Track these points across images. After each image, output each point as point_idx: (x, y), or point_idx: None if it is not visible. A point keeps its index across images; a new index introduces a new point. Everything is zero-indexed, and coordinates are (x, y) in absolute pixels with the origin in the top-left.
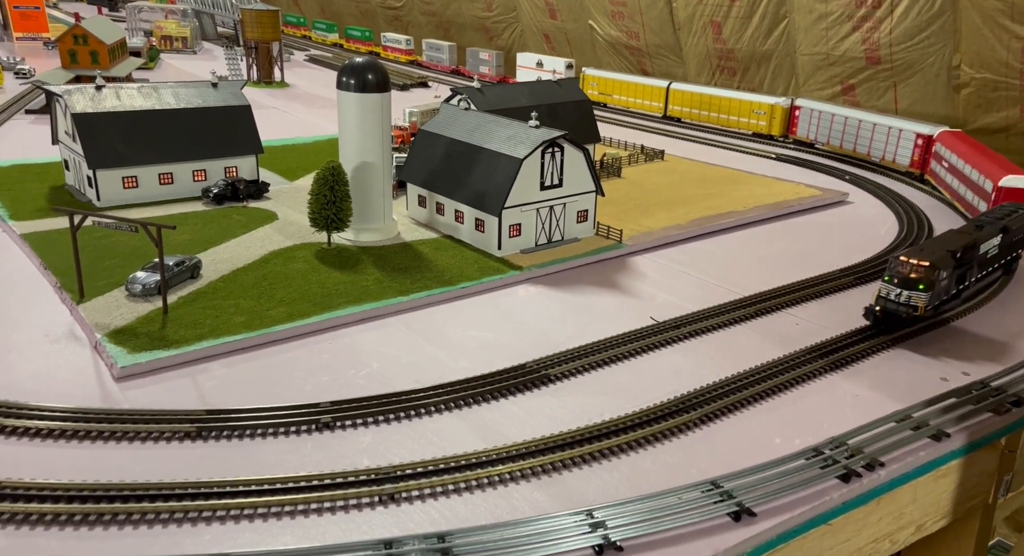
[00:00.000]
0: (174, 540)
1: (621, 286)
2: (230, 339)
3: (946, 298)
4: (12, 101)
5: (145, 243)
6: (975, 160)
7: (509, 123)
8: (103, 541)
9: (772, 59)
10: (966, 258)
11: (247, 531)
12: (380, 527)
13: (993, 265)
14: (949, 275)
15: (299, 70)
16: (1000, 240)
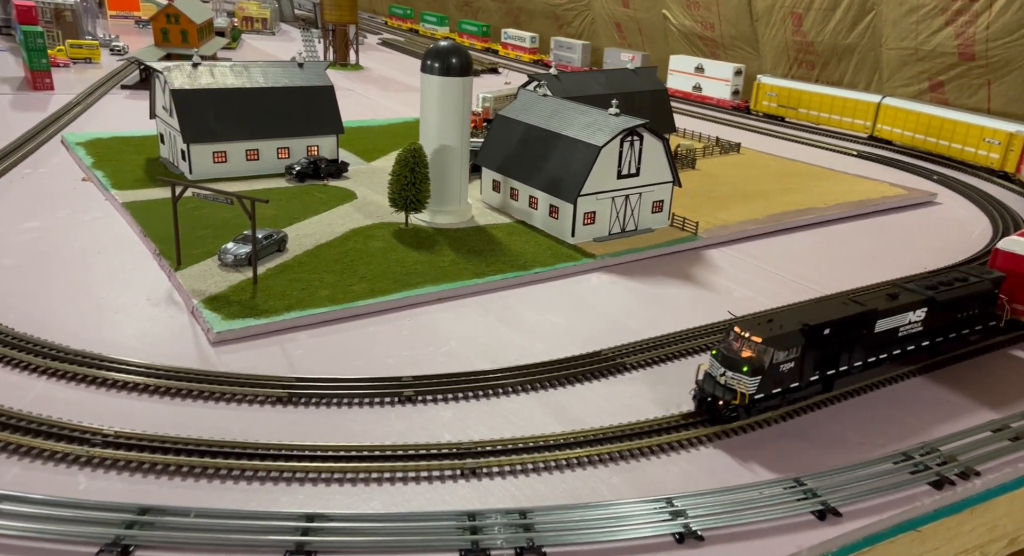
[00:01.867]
0: (271, 497)
1: (696, 279)
2: (316, 311)
3: (792, 388)
4: (109, 77)
5: (234, 215)
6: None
7: (588, 110)
8: (207, 493)
9: (855, 53)
10: (838, 337)
11: (337, 494)
12: (463, 499)
13: (911, 346)
14: (797, 358)
15: (372, 53)
16: (926, 315)
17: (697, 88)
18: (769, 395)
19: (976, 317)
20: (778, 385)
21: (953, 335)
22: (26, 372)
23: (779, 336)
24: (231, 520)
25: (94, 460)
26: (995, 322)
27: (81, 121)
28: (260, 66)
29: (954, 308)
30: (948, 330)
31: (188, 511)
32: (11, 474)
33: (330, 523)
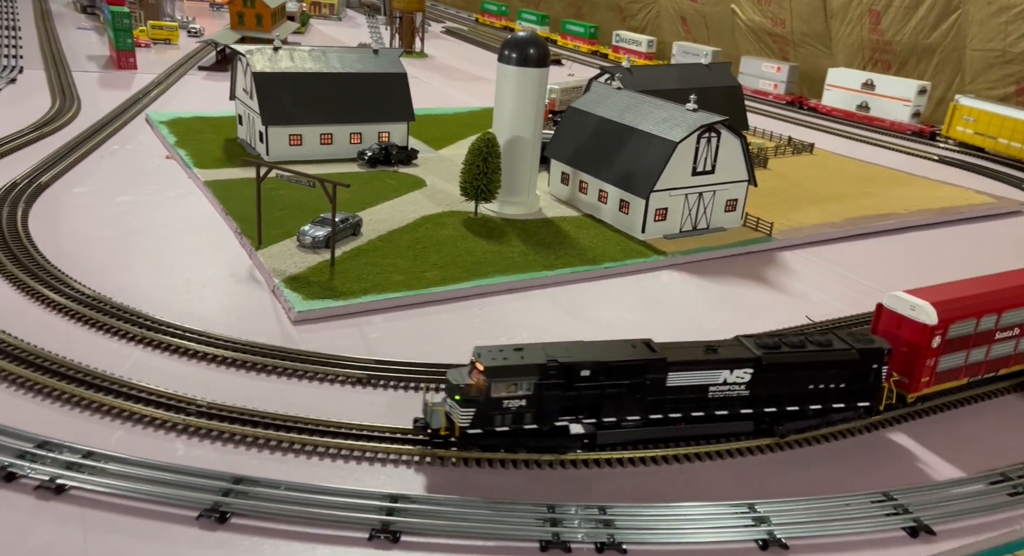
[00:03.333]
0: (354, 475)
1: (770, 281)
2: (391, 296)
3: (529, 431)
4: (187, 58)
5: (309, 197)
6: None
7: (664, 104)
8: (295, 467)
9: (936, 53)
10: (603, 383)
11: (418, 476)
12: (542, 489)
13: (725, 411)
14: (530, 397)
15: (436, 41)
16: (751, 378)
17: (863, 107)
18: (490, 432)
19: (839, 393)
20: (504, 423)
21: (796, 408)
22: (124, 340)
23: (504, 367)
24: (319, 495)
25: (190, 428)
26: (869, 403)
27: (163, 100)
28: (337, 52)
29: (792, 376)
30: (787, 401)
31: (279, 483)
32: (115, 436)
33: (413, 505)
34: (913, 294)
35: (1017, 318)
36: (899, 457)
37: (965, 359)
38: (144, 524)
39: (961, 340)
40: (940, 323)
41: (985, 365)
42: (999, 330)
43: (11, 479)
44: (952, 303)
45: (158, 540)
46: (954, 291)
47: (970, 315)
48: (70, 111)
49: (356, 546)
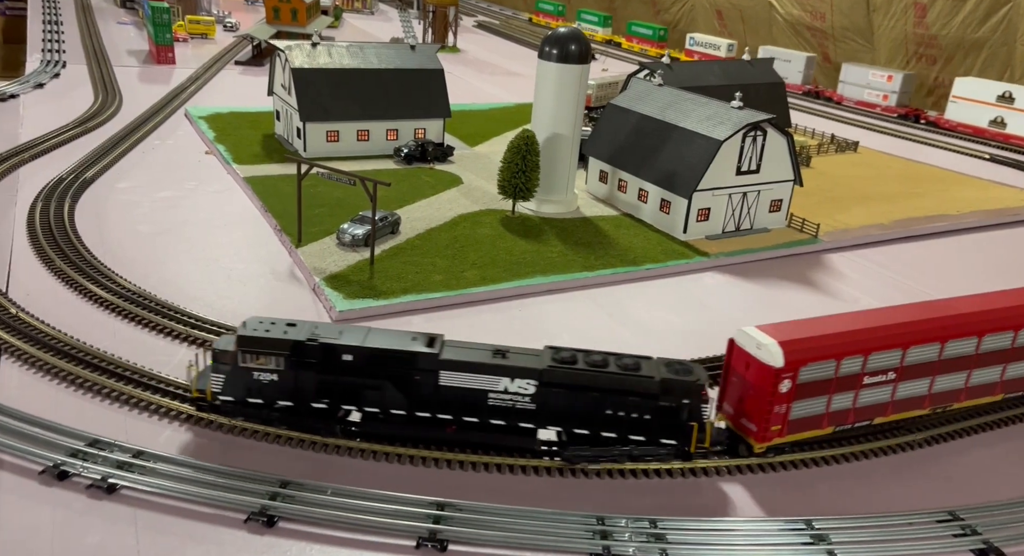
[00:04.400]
0: (403, 481)
1: (818, 284)
2: (431, 296)
3: (287, 407)
4: (224, 52)
5: (348, 195)
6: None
7: (708, 102)
8: (341, 471)
9: (984, 48)
10: (368, 371)
11: (466, 483)
12: (591, 500)
13: (504, 421)
14: (282, 373)
15: (468, 36)
16: (536, 392)
17: (998, 123)
18: (243, 402)
19: (639, 425)
20: (258, 395)
21: (586, 432)
22: (168, 338)
23: (255, 339)
24: (366, 501)
25: (236, 429)
26: (676, 442)
27: (201, 95)
28: (374, 47)
29: (582, 397)
30: (576, 423)
31: (325, 488)
32: (163, 436)
33: (461, 513)
34: (763, 330)
35: (889, 361)
36: (963, 473)
37: (827, 406)
38: (193, 526)
39: (819, 385)
40: (787, 365)
41: (854, 413)
42: (867, 374)
43: (64, 477)
44: (804, 343)
45: (207, 542)
46: (812, 328)
47: (827, 357)
48: (112, 106)
49: (403, 554)
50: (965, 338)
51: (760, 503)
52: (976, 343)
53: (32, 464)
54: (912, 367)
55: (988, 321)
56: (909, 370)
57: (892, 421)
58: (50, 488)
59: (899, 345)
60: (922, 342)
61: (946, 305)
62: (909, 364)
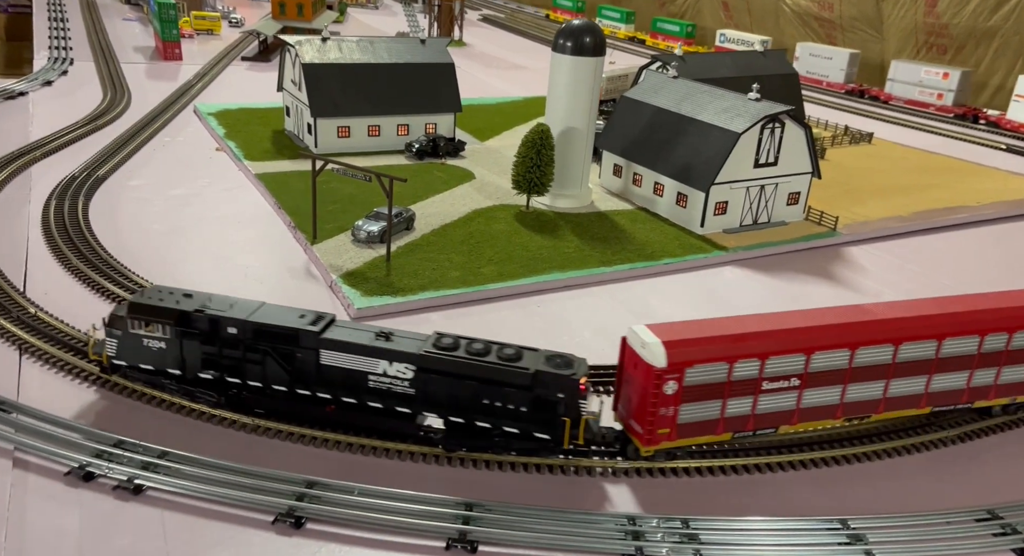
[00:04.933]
0: (431, 480)
1: (839, 278)
2: (449, 292)
3: (174, 375)
4: (230, 48)
5: (361, 191)
6: None
7: (724, 94)
8: (367, 470)
9: (996, 37)
10: (252, 346)
11: (496, 482)
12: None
13: (383, 404)
14: (170, 341)
15: (473, 30)
16: (415, 377)
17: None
18: (136, 367)
19: (514, 416)
20: (149, 361)
21: (462, 421)
22: None
23: (145, 306)
24: (394, 502)
25: (259, 429)
26: (549, 437)
27: (209, 91)
28: (385, 42)
29: (459, 385)
30: (452, 411)
31: (352, 488)
32: (185, 436)
33: (490, 514)
34: (652, 329)
35: (791, 367)
36: (999, 471)
37: (722, 411)
38: (221, 527)
39: (710, 388)
40: (671, 366)
41: (754, 420)
42: (766, 379)
43: (90, 479)
44: (692, 344)
45: (235, 544)
46: (704, 329)
47: (717, 359)
48: (121, 103)
49: (432, 555)
50: (878, 346)
51: (796, 500)
52: (892, 351)
53: (57, 465)
54: (819, 374)
55: (906, 329)
56: (816, 377)
57: (801, 431)
58: (76, 490)
59: (801, 350)
60: (828, 348)
61: (862, 311)
62: (815, 371)
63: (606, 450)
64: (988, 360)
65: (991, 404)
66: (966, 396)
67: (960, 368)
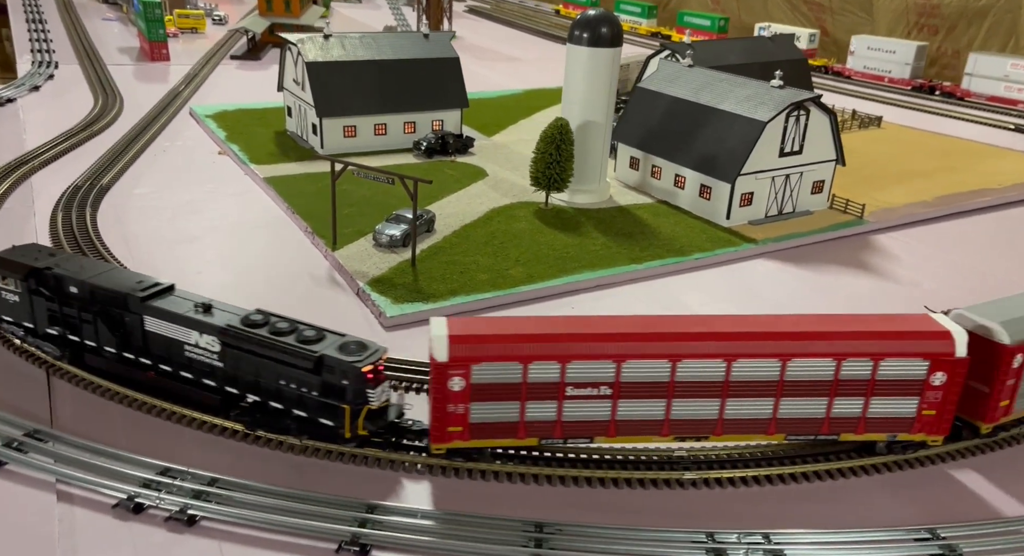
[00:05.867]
0: (497, 499)
1: (872, 268)
2: (480, 297)
3: (27, 327)
4: (218, 47)
5: (376, 193)
6: None
7: (746, 82)
8: (430, 491)
9: (988, 16)
10: (86, 306)
11: (564, 499)
12: (696, 513)
13: (194, 375)
14: (23, 296)
15: (460, 21)
16: (221, 350)
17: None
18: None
19: (303, 400)
20: (9, 313)
21: (258, 400)
22: None
23: (4, 260)
24: (462, 526)
25: (307, 450)
26: (334, 424)
27: (202, 93)
28: (388, 37)
29: (257, 362)
30: (250, 388)
31: (415, 512)
32: (231, 461)
33: (562, 534)
34: (450, 323)
35: (599, 374)
36: None
37: (521, 414)
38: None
39: (504, 389)
40: (454, 361)
41: (561, 427)
42: (570, 385)
43: (139, 510)
44: (480, 340)
45: None
46: (503, 327)
47: (508, 358)
48: (114, 107)
49: None
50: (706, 361)
51: (876, 508)
52: (725, 369)
53: (104, 497)
54: (634, 386)
55: (741, 346)
56: (631, 388)
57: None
58: (127, 522)
59: (611, 358)
60: (642, 358)
61: (701, 322)
62: (629, 382)
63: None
64: (850, 389)
65: (863, 439)
66: (826, 427)
67: (813, 394)
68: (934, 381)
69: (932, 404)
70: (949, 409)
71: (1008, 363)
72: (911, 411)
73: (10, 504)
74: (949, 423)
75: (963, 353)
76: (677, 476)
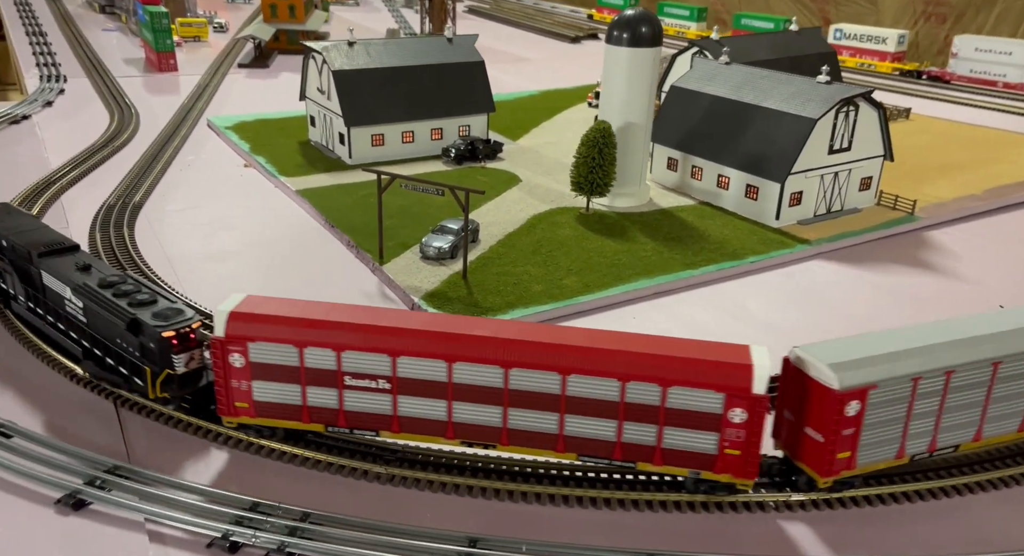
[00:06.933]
0: (612, 525)
1: (933, 266)
2: (538, 309)
3: None
4: (223, 56)
5: (415, 203)
6: None
7: (790, 78)
8: (534, 522)
9: (997, 3)
10: (10, 260)
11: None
12: (763, 535)
13: (71, 330)
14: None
15: (462, 22)
16: (84, 305)
17: None
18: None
19: (129, 356)
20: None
21: (100, 353)
22: None
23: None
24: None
25: (394, 478)
26: (143, 384)
27: (216, 103)
28: (412, 42)
29: (98, 317)
30: (98, 342)
31: (519, 545)
32: (316, 492)
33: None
34: (254, 299)
35: (376, 367)
36: None
37: (303, 398)
38: None
39: (282, 370)
40: (230, 338)
41: (344, 416)
42: (348, 375)
43: (235, 549)
44: (257, 319)
45: None
46: (291, 309)
47: (279, 340)
48: (131, 121)
49: None
50: (482, 365)
51: (995, 531)
52: (503, 376)
53: (196, 537)
54: (413, 383)
55: (517, 354)
56: (409, 385)
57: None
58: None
59: (386, 351)
60: (416, 355)
61: (474, 324)
62: (407, 378)
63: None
64: (640, 415)
65: (663, 471)
66: (619, 452)
67: (600, 415)
68: (733, 417)
69: (735, 443)
70: (753, 452)
71: (838, 411)
72: (711, 447)
73: (102, 545)
74: (756, 467)
75: (761, 390)
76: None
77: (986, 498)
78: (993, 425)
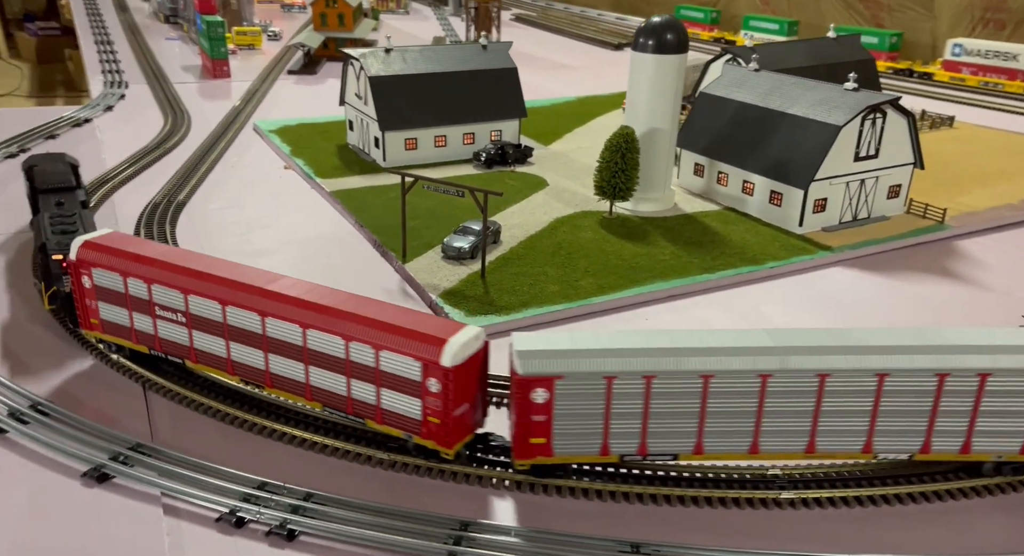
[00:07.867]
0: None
1: (959, 275)
2: (552, 309)
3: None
4: (274, 63)
5: (440, 204)
6: None
7: (818, 85)
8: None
9: None
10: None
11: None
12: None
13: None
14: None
15: (508, 30)
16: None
17: None
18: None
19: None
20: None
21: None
22: None
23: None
24: (556, 545)
25: (396, 465)
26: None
27: (264, 108)
28: (447, 49)
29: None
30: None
31: (508, 529)
32: (322, 476)
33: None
34: (112, 235)
35: (173, 301)
36: None
37: (130, 320)
38: None
39: (115, 295)
40: (80, 262)
41: (159, 341)
42: (157, 306)
43: (241, 524)
44: (99, 249)
45: None
46: (140, 247)
47: (113, 270)
48: (183, 125)
49: None
50: (244, 311)
51: (992, 537)
52: (260, 323)
53: (206, 511)
54: (200, 320)
55: (270, 304)
56: (199, 321)
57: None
58: (231, 537)
59: (179, 288)
60: (198, 295)
61: (265, 276)
62: (197, 315)
63: None
64: (361, 373)
65: (383, 431)
66: (350, 407)
67: (334, 370)
68: (431, 387)
69: (435, 412)
70: (450, 421)
71: (523, 395)
72: (416, 413)
73: (120, 516)
74: (453, 437)
75: (449, 363)
76: (774, 495)
77: (983, 504)
78: (770, 440)
